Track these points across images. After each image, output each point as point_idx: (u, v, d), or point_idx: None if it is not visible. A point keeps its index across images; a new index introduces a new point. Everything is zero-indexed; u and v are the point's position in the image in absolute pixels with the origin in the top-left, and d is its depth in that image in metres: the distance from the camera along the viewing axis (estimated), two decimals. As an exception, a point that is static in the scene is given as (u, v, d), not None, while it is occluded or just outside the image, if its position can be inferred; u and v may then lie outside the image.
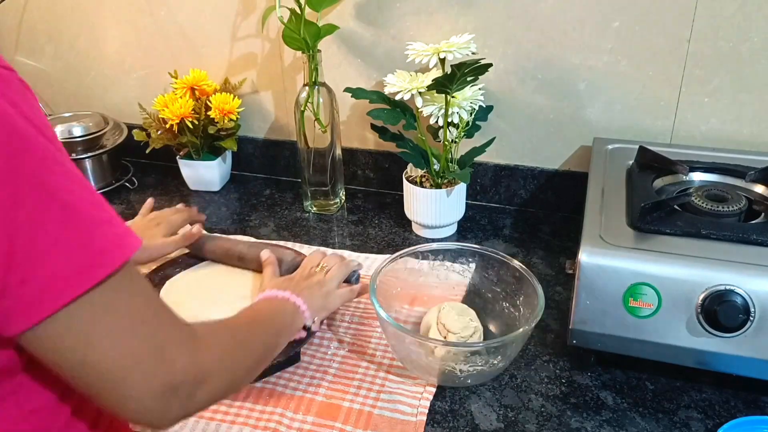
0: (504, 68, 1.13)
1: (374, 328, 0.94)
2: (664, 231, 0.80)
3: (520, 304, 0.88)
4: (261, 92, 1.32)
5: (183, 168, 1.32)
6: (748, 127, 1.05)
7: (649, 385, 0.83)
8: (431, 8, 1.12)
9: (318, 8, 1.10)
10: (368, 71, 1.21)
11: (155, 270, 1.00)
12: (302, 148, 1.18)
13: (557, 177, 1.18)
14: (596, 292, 0.77)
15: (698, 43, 1.01)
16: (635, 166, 0.96)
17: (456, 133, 1.08)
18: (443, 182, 1.11)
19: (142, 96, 1.34)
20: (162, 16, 1.30)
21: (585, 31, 1.06)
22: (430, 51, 1.01)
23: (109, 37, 1.37)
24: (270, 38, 1.25)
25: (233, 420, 0.79)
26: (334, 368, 0.87)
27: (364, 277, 1.04)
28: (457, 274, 0.95)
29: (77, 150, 1.30)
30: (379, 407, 0.80)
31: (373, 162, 1.29)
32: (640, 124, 1.10)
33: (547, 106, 1.14)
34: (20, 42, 1.45)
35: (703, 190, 0.88)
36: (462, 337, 0.84)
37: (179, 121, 1.22)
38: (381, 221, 1.21)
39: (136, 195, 1.33)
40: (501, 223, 1.19)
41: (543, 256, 1.09)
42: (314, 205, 1.24)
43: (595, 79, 1.09)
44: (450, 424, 0.79)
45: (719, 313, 0.72)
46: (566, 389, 0.83)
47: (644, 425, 0.77)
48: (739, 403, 0.80)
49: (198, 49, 1.31)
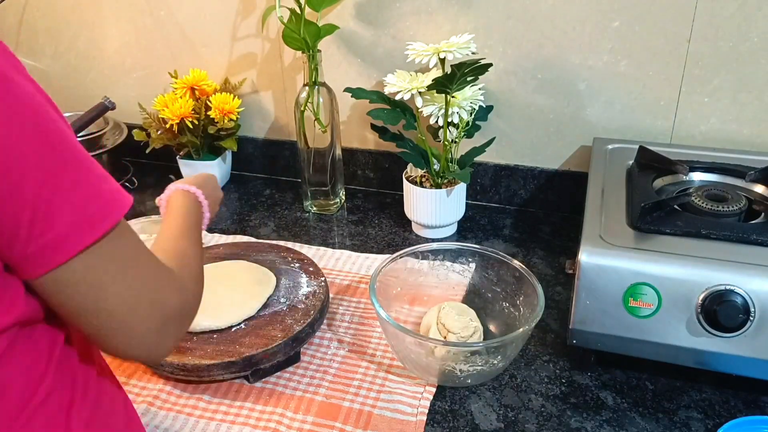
0: (504, 68, 1.13)
1: (374, 328, 0.94)
2: (664, 231, 0.80)
3: (520, 304, 0.88)
4: (261, 92, 1.32)
5: (183, 168, 1.32)
6: (748, 127, 1.05)
7: (649, 385, 0.83)
8: (431, 8, 1.12)
9: (318, 8, 1.10)
10: (368, 71, 1.21)
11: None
12: (302, 148, 1.18)
13: (557, 177, 1.18)
14: (596, 292, 0.77)
15: (698, 43, 1.01)
16: (635, 166, 0.96)
17: (456, 133, 1.08)
18: (443, 182, 1.11)
19: (142, 96, 1.34)
20: (162, 16, 1.30)
21: (585, 31, 1.06)
22: (430, 51, 1.01)
23: (109, 36, 1.37)
24: (270, 38, 1.25)
25: (233, 420, 0.79)
26: (334, 368, 0.87)
27: (364, 277, 1.04)
28: (457, 274, 0.95)
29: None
30: (379, 407, 0.80)
31: (373, 162, 1.29)
32: (640, 124, 1.10)
33: (547, 106, 1.14)
34: (20, 42, 1.45)
35: (703, 190, 0.88)
36: (462, 337, 0.84)
37: (179, 121, 1.22)
38: (381, 221, 1.21)
39: (136, 195, 1.33)
40: (501, 223, 1.19)
41: (543, 256, 1.09)
42: (314, 205, 1.24)
43: (595, 79, 1.09)
44: (450, 424, 0.79)
45: (719, 313, 0.72)
46: (566, 389, 0.83)
47: (644, 425, 0.77)
48: (739, 403, 0.80)
49: (198, 49, 1.31)
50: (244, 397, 0.83)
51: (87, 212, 0.49)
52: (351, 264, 1.08)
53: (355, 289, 1.02)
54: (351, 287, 1.02)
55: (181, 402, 0.83)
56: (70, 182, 0.48)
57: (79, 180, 0.49)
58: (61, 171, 0.48)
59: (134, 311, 0.53)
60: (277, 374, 0.86)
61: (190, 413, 0.81)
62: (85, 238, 0.49)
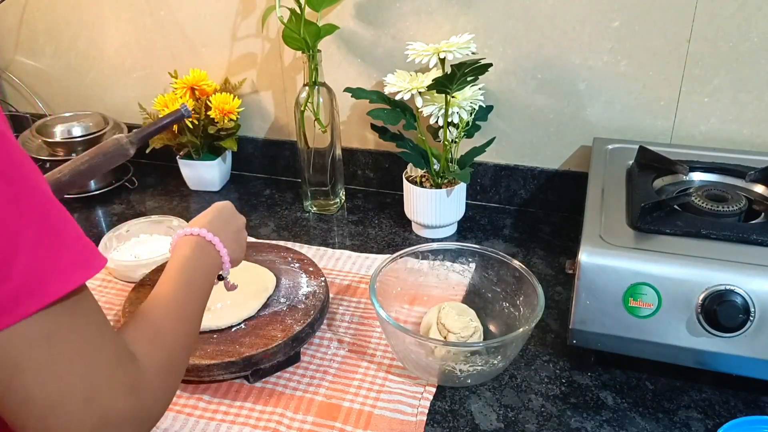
0: (504, 68, 1.13)
1: (374, 328, 0.94)
2: (664, 231, 0.80)
3: (520, 304, 0.88)
4: (261, 92, 1.32)
5: (183, 168, 1.32)
6: (748, 127, 1.05)
7: (649, 385, 0.83)
8: (431, 8, 1.12)
9: (318, 8, 1.10)
10: (368, 71, 1.21)
11: (156, 270, 1.00)
12: (302, 148, 1.18)
13: (557, 177, 1.18)
14: (596, 292, 0.77)
15: (698, 43, 1.01)
16: (635, 166, 0.96)
17: (456, 133, 1.08)
18: (443, 182, 1.11)
19: (142, 96, 1.34)
20: (162, 16, 1.30)
21: (585, 31, 1.06)
22: (430, 51, 1.01)
23: (109, 37, 1.37)
24: (270, 38, 1.25)
25: (233, 420, 0.79)
26: (334, 368, 0.87)
27: (364, 277, 1.04)
28: (457, 274, 0.95)
29: (77, 150, 1.30)
30: (379, 407, 0.80)
31: (373, 162, 1.29)
32: (640, 124, 1.10)
33: (547, 106, 1.14)
34: (20, 42, 1.45)
35: (703, 190, 0.88)
36: (462, 337, 0.84)
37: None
38: (381, 221, 1.21)
39: (136, 195, 1.33)
40: (501, 223, 1.19)
41: (543, 256, 1.09)
42: (314, 205, 1.24)
43: (595, 79, 1.09)
44: (450, 424, 0.79)
45: (719, 313, 0.72)
46: (566, 389, 0.83)
47: (644, 425, 0.77)
48: (739, 403, 0.80)
49: (198, 49, 1.31)
50: (244, 397, 0.83)
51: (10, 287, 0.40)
52: (351, 264, 1.08)
53: (355, 289, 1.02)
54: (351, 287, 1.02)
55: (181, 402, 0.83)
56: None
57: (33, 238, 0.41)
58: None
59: (60, 406, 0.43)
60: (277, 374, 0.86)
61: (190, 413, 0.81)
62: (16, 311, 0.41)
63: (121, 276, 1.05)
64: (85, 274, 0.44)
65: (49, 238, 0.42)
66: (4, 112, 0.40)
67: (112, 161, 0.96)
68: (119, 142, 0.96)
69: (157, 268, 1.00)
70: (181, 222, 1.13)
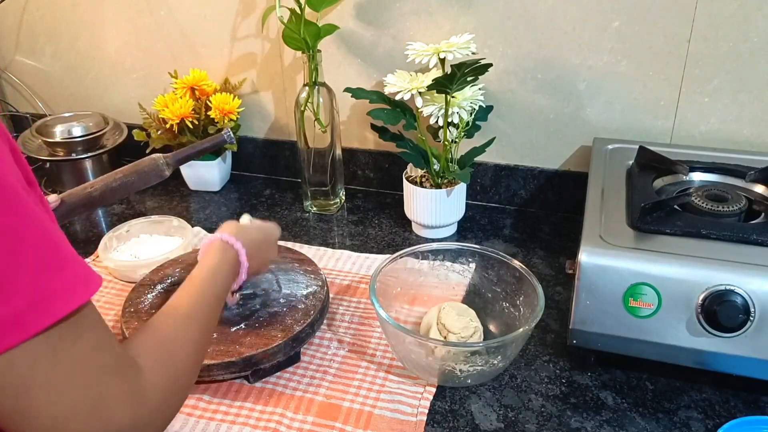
0: (504, 68, 1.13)
1: (374, 328, 0.94)
2: (664, 231, 0.80)
3: (520, 304, 0.88)
4: (261, 92, 1.32)
5: (183, 168, 1.32)
6: (748, 127, 1.05)
7: (649, 385, 0.83)
8: (431, 8, 1.12)
9: (318, 8, 1.10)
10: (368, 71, 1.21)
11: (156, 270, 1.00)
12: (302, 148, 1.18)
13: (557, 177, 1.18)
14: (596, 292, 0.77)
15: (698, 43, 1.01)
16: (635, 166, 0.96)
17: (456, 133, 1.08)
18: (443, 182, 1.11)
19: (142, 96, 1.34)
20: (162, 16, 1.30)
21: (585, 31, 1.06)
22: (430, 51, 1.01)
23: (108, 37, 1.37)
24: (270, 38, 1.25)
25: (233, 420, 0.79)
26: (334, 368, 0.87)
27: (365, 277, 1.04)
28: (457, 274, 0.95)
29: (77, 150, 1.30)
30: (379, 407, 0.80)
31: (373, 162, 1.29)
32: (640, 124, 1.10)
33: (547, 106, 1.14)
34: (20, 42, 1.45)
35: (703, 190, 0.88)
36: (462, 337, 0.84)
37: (179, 121, 1.22)
38: (381, 221, 1.21)
39: (136, 195, 1.32)
40: (501, 223, 1.19)
41: (543, 256, 1.09)
42: (314, 205, 1.24)
43: (595, 79, 1.09)
44: (450, 424, 0.79)
45: (719, 313, 0.72)
46: (566, 389, 0.83)
47: (644, 425, 0.77)
48: (739, 403, 0.80)
49: (198, 49, 1.31)
50: (244, 397, 0.83)
51: (13, 307, 0.41)
52: (351, 264, 1.08)
53: (355, 289, 1.02)
54: (351, 287, 1.02)
55: (181, 402, 0.82)
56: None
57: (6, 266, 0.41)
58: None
59: (66, 422, 0.44)
60: (277, 374, 0.86)
61: (189, 413, 0.81)
62: (8, 339, 0.41)
63: (121, 276, 1.05)
64: (88, 291, 0.45)
65: (51, 258, 0.44)
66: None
67: (147, 181, 0.93)
68: (155, 162, 0.93)
69: (157, 268, 1.00)
70: (181, 222, 1.13)
